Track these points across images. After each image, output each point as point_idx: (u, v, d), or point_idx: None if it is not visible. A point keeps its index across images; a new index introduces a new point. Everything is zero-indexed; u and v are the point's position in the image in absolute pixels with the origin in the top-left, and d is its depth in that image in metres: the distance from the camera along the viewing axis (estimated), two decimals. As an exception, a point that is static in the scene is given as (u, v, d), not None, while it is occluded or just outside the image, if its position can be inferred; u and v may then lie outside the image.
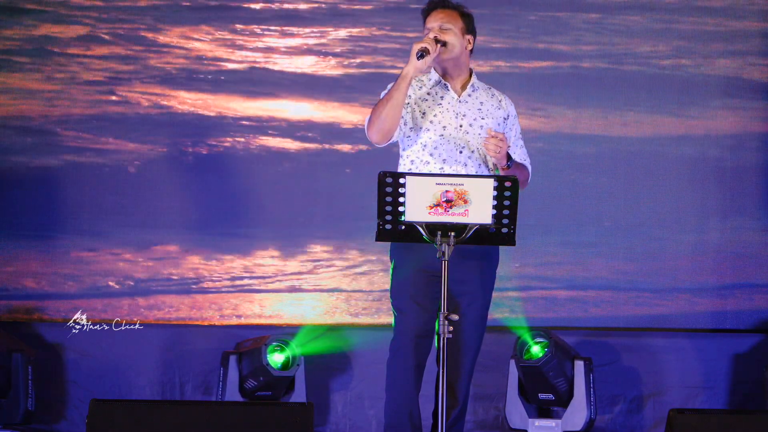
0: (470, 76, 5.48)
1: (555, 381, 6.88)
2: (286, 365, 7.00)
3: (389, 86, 5.36)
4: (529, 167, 5.51)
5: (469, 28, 5.44)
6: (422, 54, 5.18)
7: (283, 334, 7.12)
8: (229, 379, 6.97)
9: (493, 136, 5.20)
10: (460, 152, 5.34)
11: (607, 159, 7.38)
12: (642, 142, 7.38)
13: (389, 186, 4.89)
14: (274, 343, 7.01)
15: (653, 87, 7.39)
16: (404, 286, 5.31)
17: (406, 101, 5.33)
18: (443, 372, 4.97)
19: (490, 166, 5.39)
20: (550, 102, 7.39)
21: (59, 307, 7.28)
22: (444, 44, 5.31)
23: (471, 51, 5.47)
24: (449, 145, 5.34)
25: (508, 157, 5.28)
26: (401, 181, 4.88)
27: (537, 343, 6.93)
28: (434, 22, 5.37)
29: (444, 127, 5.36)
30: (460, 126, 5.37)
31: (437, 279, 5.12)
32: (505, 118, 5.47)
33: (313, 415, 5.58)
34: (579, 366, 6.93)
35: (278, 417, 5.61)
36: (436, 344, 5.31)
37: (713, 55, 7.40)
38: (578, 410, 6.91)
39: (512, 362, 7.00)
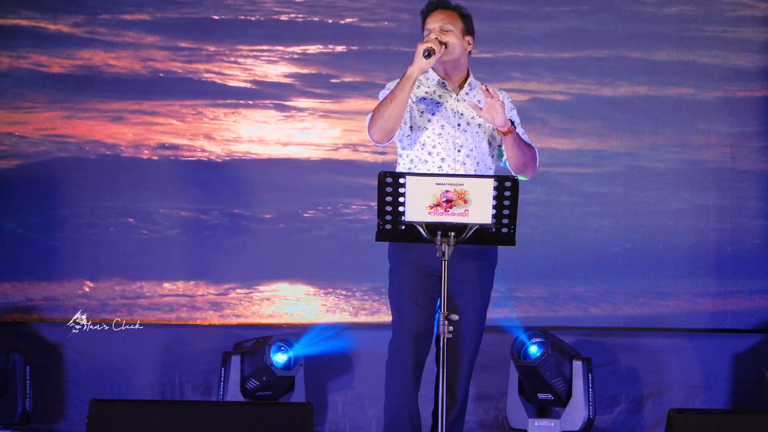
0: (467, 75, 5.48)
1: (552, 381, 6.87)
2: (288, 365, 7.00)
3: (388, 85, 5.37)
4: (536, 150, 5.47)
5: (469, 30, 5.45)
6: (429, 54, 5.18)
7: (286, 334, 7.12)
8: (231, 379, 6.96)
9: (487, 106, 5.19)
10: (459, 150, 5.35)
11: (607, 159, 7.38)
12: (641, 143, 7.38)
13: (389, 186, 4.89)
14: (278, 343, 7.00)
15: (654, 87, 7.39)
16: (403, 286, 5.31)
17: (405, 101, 5.33)
18: (443, 372, 4.97)
19: (489, 164, 5.40)
20: (550, 101, 7.39)
21: (59, 307, 7.28)
22: (446, 45, 5.32)
23: (470, 52, 5.48)
24: (447, 144, 5.35)
25: (510, 122, 5.26)
26: (401, 181, 4.88)
27: (534, 343, 6.92)
28: (435, 23, 5.37)
29: (442, 126, 5.36)
30: (458, 125, 5.37)
31: (436, 279, 5.12)
32: (503, 113, 5.46)
33: (313, 415, 5.59)
34: (577, 366, 6.92)
35: (278, 417, 5.61)
36: (435, 344, 5.32)
37: (713, 56, 7.40)
38: (577, 410, 6.90)
39: (512, 362, 6.99)
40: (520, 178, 5.27)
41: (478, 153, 5.37)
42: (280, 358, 6.98)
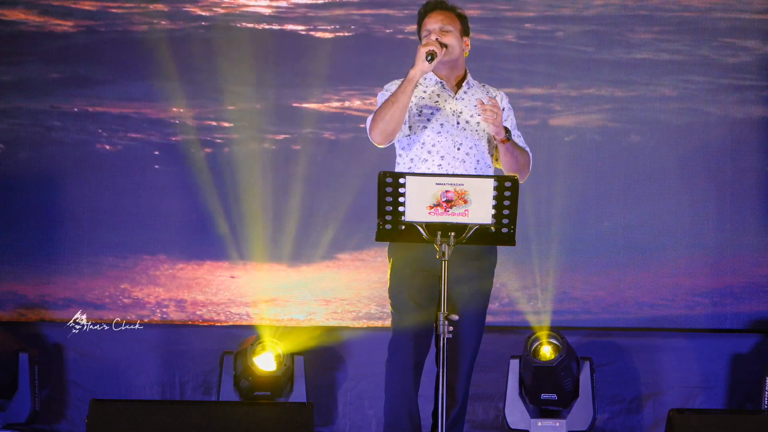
0: (465, 74, 5.49)
1: (564, 381, 6.85)
2: (274, 364, 6.96)
3: (387, 86, 5.38)
4: (530, 154, 5.48)
5: (466, 30, 5.46)
6: (432, 57, 5.19)
7: (271, 333, 7.09)
8: (224, 379, 6.97)
9: (485, 108, 5.19)
10: (458, 149, 5.35)
11: (607, 159, 7.39)
12: (642, 143, 7.39)
13: (389, 186, 4.89)
14: (260, 344, 6.97)
15: (653, 84, 7.40)
16: (403, 286, 5.31)
17: (404, 102, 5.34)
18: (443, 372, 4.97)
19: (488, 162, 5.40)
20: (550, 100, 7.40)
21: (59, 307, 7.28)
22: (446, 46, 5.32)
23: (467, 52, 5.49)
24: (447, 143, 5.35)
25: (506, 131, 5.28)
26: (401, 181, 4.88)
27: (550, 343, 6.88)
28: (434, 24, 5.38)
29: (441, 124, 5.37)
30: (457, 123, 5.38)
31: (436, 278, 5.13)
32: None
33: (313, 415, 5.60)
34: (585, 366, 6.92)
35: (278, 417, 5.62)
36: (435, 344, 5.32)
37: (713, 53, 7.40)
38: (584, 410, 6.89)
39: (512, 362, 6.97)
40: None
41: (477, 151, 5.37)
42: (264, 357, 6.95)
